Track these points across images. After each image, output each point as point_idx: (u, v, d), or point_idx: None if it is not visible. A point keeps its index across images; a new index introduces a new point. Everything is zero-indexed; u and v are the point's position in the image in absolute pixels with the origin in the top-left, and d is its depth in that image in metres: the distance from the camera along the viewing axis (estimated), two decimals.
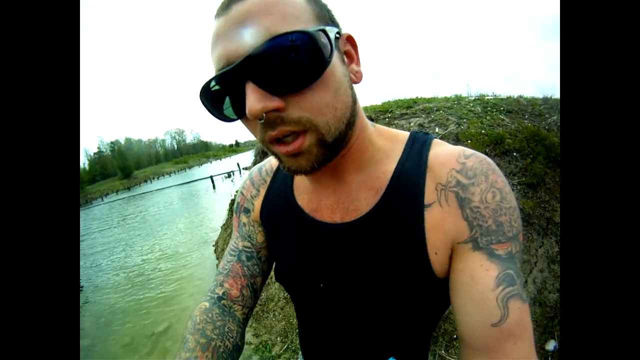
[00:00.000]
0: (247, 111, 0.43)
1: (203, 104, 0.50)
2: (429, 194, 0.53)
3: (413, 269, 0.53)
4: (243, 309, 0.70)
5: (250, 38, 0.42)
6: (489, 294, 0.45)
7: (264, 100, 0.43)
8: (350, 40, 0.53)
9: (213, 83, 0.47)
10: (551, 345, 2.40)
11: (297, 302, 0.75)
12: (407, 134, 0.62)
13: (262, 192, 0.75)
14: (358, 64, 0.54)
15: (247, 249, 0.75)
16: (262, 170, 0.78)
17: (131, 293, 5.95)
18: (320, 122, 0.46)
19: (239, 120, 0.51)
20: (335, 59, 0.47)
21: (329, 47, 0.44)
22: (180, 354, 0.56)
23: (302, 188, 0.67)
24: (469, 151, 0.54)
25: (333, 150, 0.50)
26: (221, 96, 0.47)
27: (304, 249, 0.64)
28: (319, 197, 0.63)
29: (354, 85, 0.53)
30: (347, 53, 0.52)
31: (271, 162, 0.77)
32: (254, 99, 0.42)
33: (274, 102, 0.43)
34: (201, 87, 0.48)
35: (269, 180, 0.75)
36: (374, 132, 0.60)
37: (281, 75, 0.43)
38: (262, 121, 0.44)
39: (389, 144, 0.60)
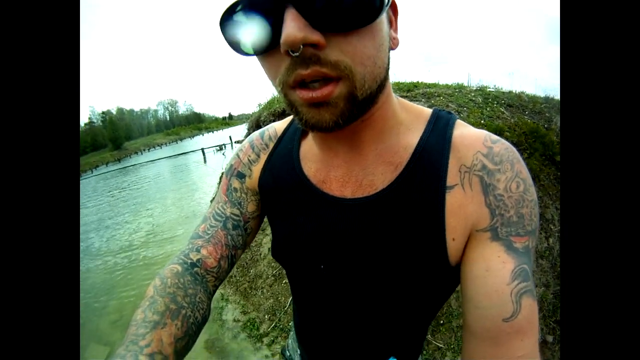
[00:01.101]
0: (283, 38, 0.37)
1: (222, 31, 0.44)
2: (452, 175, 0.49)
3: (427, 255, 0.50)
4: (215, 281, 0.64)
5: None
6: (504, 287, 0.44)
7: (305, 30, 0.37)
8: (393, 4, 0.49)
9: (240, 7, 0.40)
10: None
11: (293, 281, 0.72)
12: (430, 110, 0.57)
13: (263, 157, 0.68)
14: (396, 30, 0.50)
15: (234, 217, 0.67)
16: (264, 135, 0.70)
17: (118, 269, 5.87)
18: (358, 72, 0.41)
19: (258, 57, 0.44)
20: (384, 15, 0.43)
21: None
22: (146, 313, 0.48)
23: (310, 156, 0.61)
24: (494, 136, 0.51)
25: (360, 109, 0.45)
26: (245, 24, 0.41)
27: (306, 224, 0.59)
28: (328, 167, 0.57)
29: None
30: (389, 16, 0.48)
31: (275, 126, 0.70)
32: (295, 26, 0.37)
33: (316, 36, 0.38)
34: (225, 8, 0.41)
35: (271, 145, 0.68)
36: (397, 104, 0.55)
37: (332, 8, 0.37)
38: (297, 54, 0.38)
39: (411, 117, 0.56)
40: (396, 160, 0.52)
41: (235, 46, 0.44)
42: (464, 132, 0.52)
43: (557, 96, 4.89)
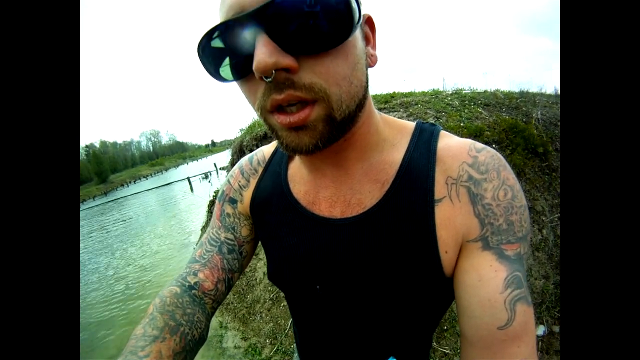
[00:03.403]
0: (254, 65, 0.38)
1: (200, 58, 0.45)
2: (439, 188, 0.49)
3: (422, 270, 0.50)
4: (213, 303, 0.64)
5: None
6: (497, 296, 0.44)
7: (277, 55, 0.37)
8: (369, 21, 0.49)
9: (216, 33, 0.41)
10: (540, 330, 2.45)
11: (291, 303, 0.71)
12: (412, 124, 0.58)
13: (253, 183, 0.68)
14: (374, 47, 0.50)
15: (229, 242, 0.69)
16: (253, 160, 0.71)
17: (112, 305, 5.67)
18: (333, 93, 0.41)
19: (237, 82, 0.45)
20: (358, 33, 0.43)
21: (358, 14, 0.39)
22: (146, 329, 0.50)
23: (298, 178, 0.61)
24: (479, 145, 0.51)
25: (340, 130, 0.45)
26: (222, 51, 0.42)
27: (299, 246, 0.59)
28: (317, 188, 0.58)
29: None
30: (365, 34, 0.48)
31: (263, 151, 0.71)
32: (266, 52, 0.37)
33: (287, 60, 0.38)
34: (201, 36, 0.42)
35: (260, 170, 0.69)
36: (380, 121, 0.55)
37: (301, 31, 0.37)
38: (270, 80, 0.38)
39: (394, 133, 0.56)
40: (382, 178, 0.52)
41: (213, 73, 0.45)
42: (449, 143, 0.52)
43: (532, 89, 5.03)
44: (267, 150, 0.71)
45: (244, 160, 0.73)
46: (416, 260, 0.49)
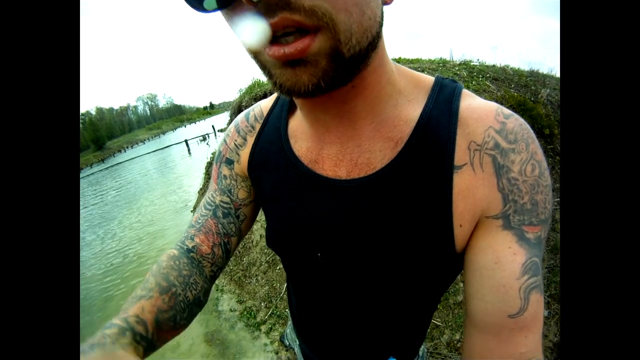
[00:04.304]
0: None
1: None
2: (460, 154, 0.43)
3: (432, 242, 0.45)
4: (212, 267, 0.62)
5: None
6: (513, 282, 0.41)
7: None
8: None
9: None
10: None
11: (290, 271, 0.68)
12: (431, 78, 0.50)
13: (250, 141, 0.62)
14: None
15: (224, 205, 0.65)
16: (249, 116, 0.64)
17: (109, 274, 5.62)
18: (341, 21, 0.33)
19: (222, 13, 0.36)
20: None
21: None
22: (136, 291, 0.50)
23: (300, 134, 0.54)
24: (506, 110, 0.45)
25: (347, 70, 0.37)
26: None
27: (299, 209, 0.53)
28: (319, 144, 0.51)
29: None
30: None
31: (261, 105, 0.64)
32: None
33: None
34: None
35: (258, 127, 0.62)
36: (394, 70, 0.47)
37: None
38: (258, 1, 0.31)
39: (411, 87, 0.49)
40: (396, 136, 0.46)
41: (194, 3, 0.35)
42: (473, 104, 0.46)
43: (542, 69, 4.90)
44: (265, 104, 0.64)
45: (240, 116, 0.66)
46: (427, 232, 0.45)
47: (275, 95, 0.62)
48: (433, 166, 0.44)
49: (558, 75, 5.05)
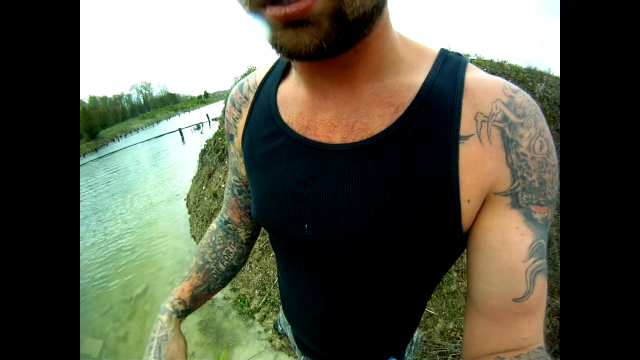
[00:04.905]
0: None
1: None
2: (466, 124, 0.41)
3: (436, 218, 0.42)
4: (246, 231, 0.75)
5: None
6: (519, 265, 0.39)
7: None
8: None
9: None
10: None
11: (276, 247, 0.64)
12: (436, 49, 0.48)
13: (245, 112, 0.59)
14: None
15: (236, 183, 0.70)
16: (243, 87, 0.61)
17: (106, 261, 5.63)
18: None
19: None
20: None
21: None
22: (184, 272, 0.72)
23: (291, 99, 0.51)
24: (514, 85, 0.43)
25: (351, 33, 0.35)
26: None
27: (287, 176, 0.50)
28: (313, 110, 0.48)
29: None
30: None
31: (256, 74, 0.61)
32: None
33: None
34: None
35: (251, 97, 0.59)
36: (398, 38, 0.46)
37: None
38: None
39: (414, 55, 0.46)
40: (397, 101, 0.43)
41: None
42: (479, 76, 0.44)
43: (540, 67, 4.90)
44: (259, 74, 0.60)
45: (235, 88, 0.63)
46: (430, 206, 0.41)
47: (270, 65, 0.60)
48: (437, 134, 0.41)
49: (555, 73, 5.09)
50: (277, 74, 0.56)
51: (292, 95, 0.52)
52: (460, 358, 0.50)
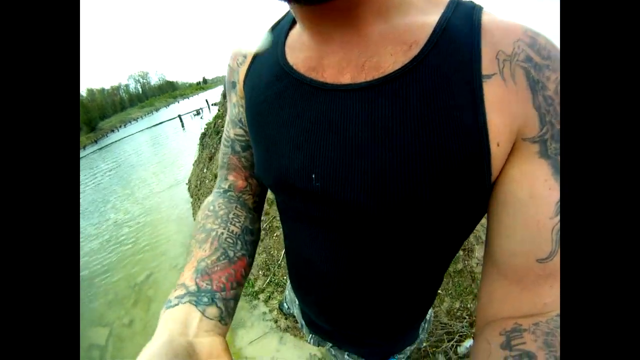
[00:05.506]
0: None
1: None
2: (487, 63, 0.37)
3: (463, 163, 0.37)
4: (254, 198, 0.64)
5: None
6: (546, 222, 0.36)
7: None
8: None
9: None
10: (465, 345, 1.92)
11: (282, 208, 0.60)
12: None
13: (250, 57, 0.56)
14: None
15: (239, 138, 0.61)
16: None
17: (110, 249, 5.63)
18: None
19: None
20: None
21: None
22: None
23: (299, 45, 0.48)
24: (535, 28, 0.40)
25: None
26: None
27: (292, 121, 0.46)
28: (320, 54, 0.45)
29: None
30: None
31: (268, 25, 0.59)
32: None
33: None
34: None
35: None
36: None
37: None
38: None
39: (423, 2, 0.43)
40: (409, 39, 0.40)
41: None
42: (496, 19, 0.40)
43: None
44: (273, 23, 0.58)
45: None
46: (455, 148, 0.37)
47: (284, 14, 0.58)
48: (458, 72, 0.37)
49: None
50: (285, 24, 0.54)
51: (299, 41, 0.49)
52: (475, 322, 0.47)
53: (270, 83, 0.49)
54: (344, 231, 0.47)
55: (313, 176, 0.44)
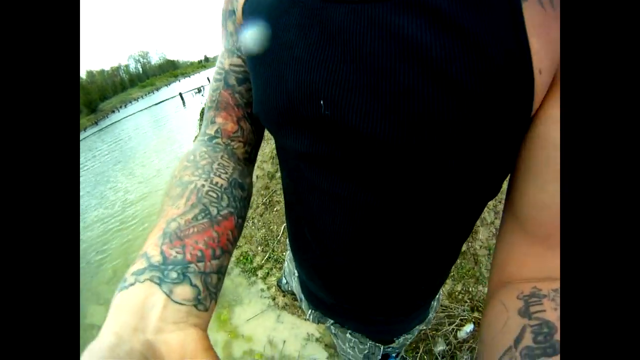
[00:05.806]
0: None
1: None
2: None
3: (505, 86, 0.30)
4: (245, 147, 0.54)
5: None
6: None
7: None
8: None
9: None
10: (465, 330, 1.85)
11: (282, 148, 0.49)
12: None
13: None
14: None
15: (236, 68, 0.52)
16: None
17: (107, 227, 5.57)
18: None
19: None
20: None
21: None
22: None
23: None
24: None
25: None
26: None
27: (298, 41, 0.37)
28: None
29: None
30: None
31: None
32: None
33: None
34: None
35: None
36: None
37: None
38: None
39: None
40: None
41: None
42: None
43: None
44: None
45: None
46: (496, 68, 0.29)
47: None
48: None
49: None
50: None
51: None
52: (488, 281, 0.42)
53: (275, 4, 0.41)
54: (359, 170, 0.39)
55: (322, 102, 0.37)
